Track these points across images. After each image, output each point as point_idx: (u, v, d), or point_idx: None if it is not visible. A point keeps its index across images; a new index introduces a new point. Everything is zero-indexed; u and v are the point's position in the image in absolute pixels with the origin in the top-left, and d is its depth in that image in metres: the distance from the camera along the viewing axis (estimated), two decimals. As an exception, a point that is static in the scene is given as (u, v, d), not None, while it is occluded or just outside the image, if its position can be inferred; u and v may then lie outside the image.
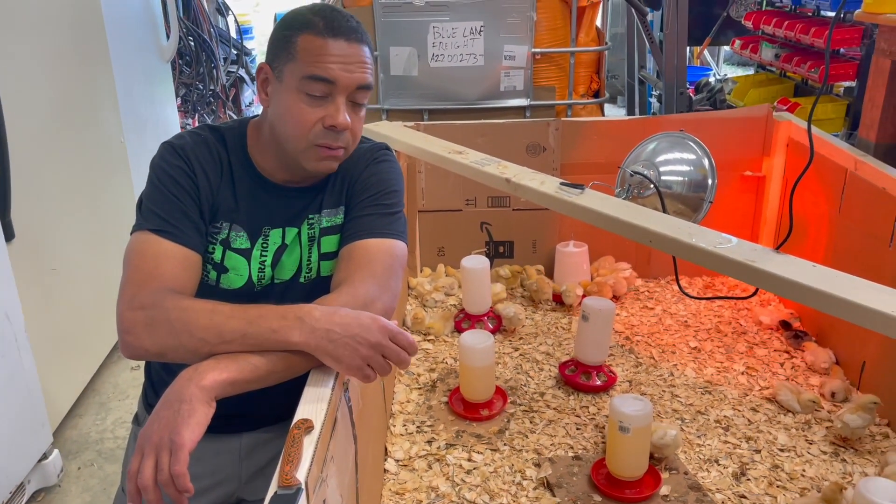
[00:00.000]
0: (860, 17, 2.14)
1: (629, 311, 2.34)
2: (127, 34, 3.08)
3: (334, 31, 1.16)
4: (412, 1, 2.68)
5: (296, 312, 1.05)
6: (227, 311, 1.06)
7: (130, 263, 1.14)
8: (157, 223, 1.17)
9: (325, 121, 1.18)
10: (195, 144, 1.24)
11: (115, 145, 2.86)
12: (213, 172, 1.24)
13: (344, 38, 1.16)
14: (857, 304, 1.17)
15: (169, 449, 0.91)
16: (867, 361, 1.86)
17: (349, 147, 1.24)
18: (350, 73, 1.17)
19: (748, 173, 2.45)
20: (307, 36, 1.17)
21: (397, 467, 1.60)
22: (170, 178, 1.20)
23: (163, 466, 0.91)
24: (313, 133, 1.19)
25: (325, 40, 1.16)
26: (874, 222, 1.84)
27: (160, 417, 0.95)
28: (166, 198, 1.19)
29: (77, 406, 2.52)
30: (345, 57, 1.16)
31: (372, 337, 1.03)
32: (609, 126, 2.48)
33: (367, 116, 1.31)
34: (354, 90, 1.19)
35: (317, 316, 1.04)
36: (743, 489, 1.54)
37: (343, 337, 1.03)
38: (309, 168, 1.23)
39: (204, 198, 1.22)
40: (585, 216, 1.63)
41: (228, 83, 4.63)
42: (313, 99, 1.17)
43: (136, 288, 1.10)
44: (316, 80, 1.16)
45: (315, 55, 1.16)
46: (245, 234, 1.26)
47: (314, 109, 1.18)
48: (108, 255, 2.66)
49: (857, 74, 3.11)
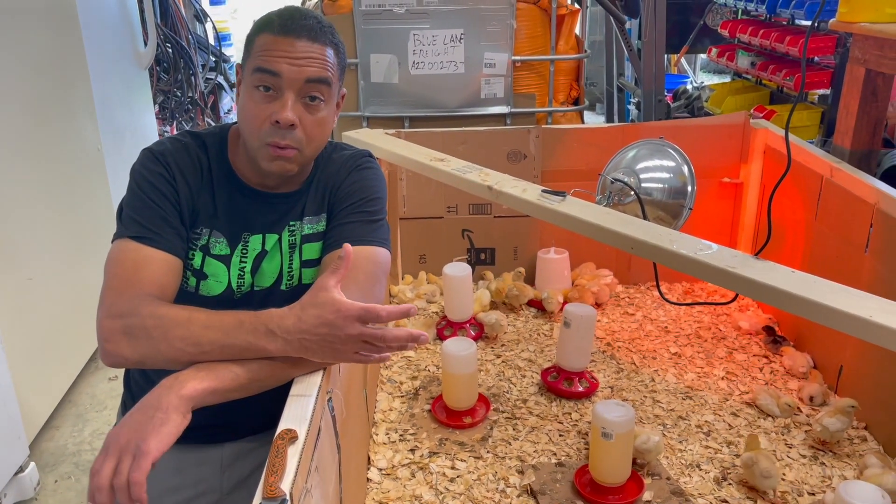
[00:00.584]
0: (835, 25, 2.18)
1: (610, 317, 2.35)
2: (104, 41, 3.05)
3: (286, 28, 1.17)
4: (392, 8, 2.69)
5: (266, 324, 1.03)
6: (202, 320, 1.05)
7: (110, 271, 1.13)
8: (136, 230, 1.16)
9: (273, 116, 1.17)
10: (175, 150, 1.24)
11: (93, 153, 2.83)
12: (193, 178, 1.24)
13: (294, 36, 1.16)
14: (835, 309, 1.18)
15: (133, 454, 0.90)
16: (844, 365, 1.88)
17: (303, 148, 1.21)
18: (297, 66, 1.16)
19: (726, 180, 2.47)
20: (263, 34, 1.18)
21: (380, 476, 1.59)
22: (149, 184, 1.19)
23: (122, 470, 0.89)
24: (264, 130, 1.18)
25: (275, 37, 1.17)
26: (850, 228, 1.86)
27: (133, 420, 0.94)
28: (146, 204, 1.18)
29: (54, 417, 2.49)
30: (292, 52, 1.16)
31: (342, 332, 0.99)
32: (589, 133, 2.50)
33: (347, 124, 1.31)
34: (304, 85, 1.17)
35: (286, 326, 1.02)
36: (725, 494, 1.55)
37: (317, 340, 1.01)
38: (264, 168, 1.22)
39: (184, 203, 1.22)
40: (567, 223, 1.63)
41: (207, 90, 4.60)
42: (265, 95, 1.17)
43: (115, 295, 1.09)
44: (262, 72, 1.16)
45: (265, 50, 1.16)
46: (224, 240, 1.25)
47: (265, 106, 1.17)
48: (85, 264, 2.62)
49: (832, 82, 3.16)
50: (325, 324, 1.00)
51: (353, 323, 0.99)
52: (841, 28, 2.15)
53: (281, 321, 1.02)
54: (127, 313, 1.06)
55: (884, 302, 1.21)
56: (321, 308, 1.00)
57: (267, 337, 1.02)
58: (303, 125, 1.19)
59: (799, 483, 1.58)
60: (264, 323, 1.03)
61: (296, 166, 1.23)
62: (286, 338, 1.02)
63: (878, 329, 1.14)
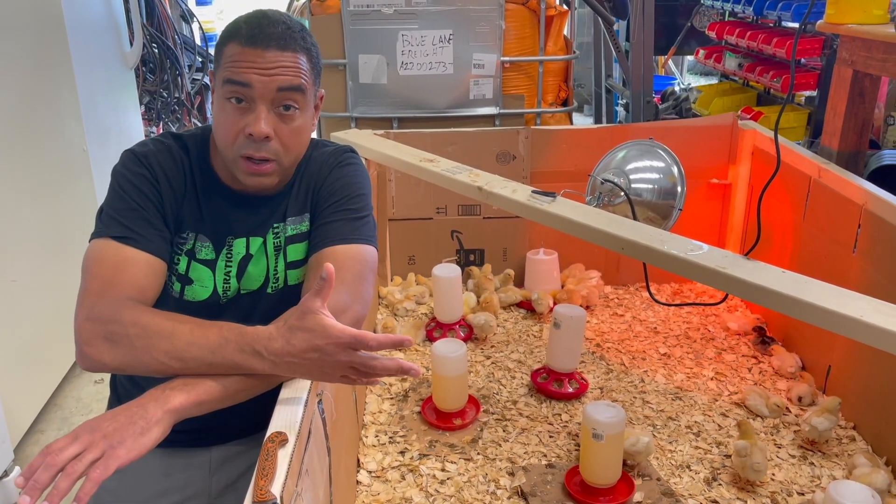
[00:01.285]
0: (822, 27, 2.19)
1: (599, 318, 2.35)
2: (89, 41, 3.02)
3: (254, 39, 1.13)
4: (381, 9, 2.68)
5: (253, 345, 1.00)
6: (186, 335, 1.02)
7: (89, 271, 1.11)
8: (118, 230, 1.14)
9: (245, 129, 1.14)
10: (158, 153, 1.21)
11: (78, 153, 2.80)
12: (177, 181, 1.22)
13: (262, 47, 1.12)
14: (827, 309, 1.18)
15: (102, 451, 0.88)
16: (832, 365, 1.89)
17: (281, 158, 1.18)
18: (268, 76, 1.12)
19: (715, 181, 2.48)
20: (232, 44, 1.14)
21: (370, 479, 1.58)
22: (132, 185, 1.17)
23: (85, 458, 0.87)
24: (238, 143, 1.15)
25: (243, 48, 1.13)
26: (838, 229, 1.87)
27: (114, 419, 0.92)
28: (129, 205, 1.16)
29: (38, 421, 2.45)
30: (261, 62, 1.12)
31: (332, 358, 0.97)
32: (578, 134, 2.50)
33: (335, 125, 1.29)
34: (276, 94, 1.14)
35: (274, 349, 0.99)
36: (715, 494, 1.55)
37: (306, 363, 0.99)
38: (243, 181, 1.19)
39: (168, 207, 1.20)
40: (557, 224, 1.63)
41: (193, 91, 4.56)
42: (236, 107, 1.14)
43: (95, 297, 1.07)
44: (232, 83, 1.13)
45: (234, 61, 1.13)
46: (210, 245, 1.23)
47: (237, 118, 1.14)
48: (69, 266, 2.59)
49: (818, 84, 3.18)
50: (315, 349, 0.97)
51: (343, 350, 0.97)
52: (828, 29, 2.16)
53: (269, 343, 1.00)
54: (108, 318, 1.04)
55: (874, 302, 1.21)
56: (310, 333, 0.98)
57: (254, 357, 1.00)
58: (278, 136, 1.16)
59: (788, 483, 1.58)
60: (250, 344, 1.00)
61: (275, 179, 1.21)
62: (274, 360, 0.99)
63: (868, 329, 1.14)
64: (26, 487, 0.84)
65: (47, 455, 0.87)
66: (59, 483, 0.85)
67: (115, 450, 0.89)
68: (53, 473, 0.86)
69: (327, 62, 2.82)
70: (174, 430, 1.00)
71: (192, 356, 1.01)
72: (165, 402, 0.96)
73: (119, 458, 0.89)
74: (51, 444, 0.88)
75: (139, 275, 1.12)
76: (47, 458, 0.86)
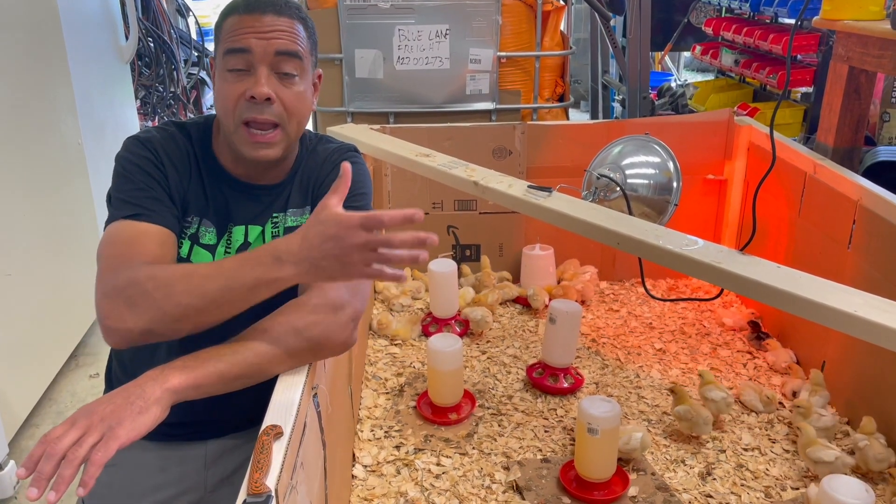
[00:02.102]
0: (818, 23, 2.19)
1: (595, 313, 2.35)
2: (84, 34, 3.01)
3: (249, 6, 1.16)
4: (377, 3, 2.67)
5: (271, 252, 1.01)
6: (202, 270, 1.03)
7: (103, 254, 1.11)
8: (128, 209, 1.14)
9: (247, 93, 1.15)
10: (163, 139, 1.23)
11: (73, 147, 2.79)
12: (182, 166, 1.23)
13: (259, 12, 1.16)
14: (821, 304, 1.19)
15: (102, 433, 0.88)
16: (827, 361, 1.89)
17: (285, 123, 1.19)
18: (265, 40, 1.15)
19: (710, 177, 2.48)
20: (230, 18, 1.18)
21: (365, 473, 1.58)
22: (138, 168, 1.18)
23: (85, 442, 0.86)
24: (239, 108, 1.16)
25: (240, 17, 1.16)
26: (833, 225, 1.88)
27: (111, 401, 0.92)
28: (136, 186, 1.17)
29: (33, 415, 2.45)
30: (258, 26, 1.15)
31: (348, 242, 0.97)
32: (575, 130, 2.49)
33: (331, 119, 1.29)
34: (274, 57, 1.16)
35: (292, 250, 1.00)
36: (709, 489, 1.55)
37: (326, 258, 0.98)
38: (246, 155, 1.20)
39: (174, 189, 1.21)
40: (553, 219, 1.63)
41: (189, 85, 4.56)
42: (237, 74, 1.16)
43: (110, 273, 1.07)
44: (232, 52, 1.15)
45: (232, 31, 1.16)
46: (214, 230, 1.24)
47: (237, 84, 1.16)
48: (65, 260, 2.59)
49: (814, 80, 3.18)
50: (330, 237, 0.97)
51: (357, 231, 0.97)
52: (824, 25, 2.16)
53: (287, 245, 1.00)
54: (123, 286, 1.03)
55: (868, 297, 1.21)
56: (324, 224, 0.98)
57: (275, 265, 1.00)
58: (280, 99, 1.17)
59: (783, 478, 1.59)
60: (269, 252, 1.01)
61: (280, 150, 1.21)
62: (294, 261, 1.00)
63: (863, 324, 1.15)
64: (32, 480, 0.84)
65: (47, 444, 0.86)
66: (63, 471, 0.85)
67: (115, 430, 0.88)
68: (56, 462, 0.85)
69: (324, 57, 2.81)
70: (169, 424, 1.00)
71: (215, 287, 1.01)
72: (164, 381, 0.96)
73: (119, 439, 0.88)
74: (49, 433, 0.88)
75: (152, 245, 1.13)
76: (48, 448, 0.86)
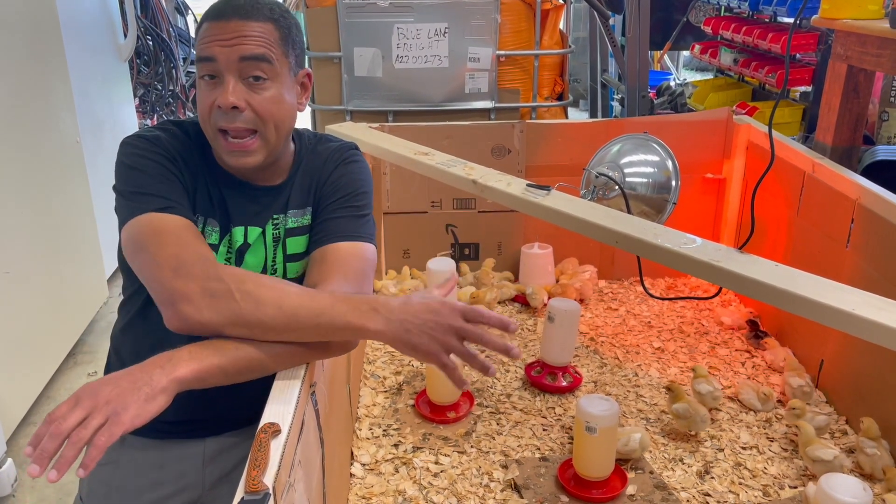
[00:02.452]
0: (817, 22, 2.19)
1: (593, 312, 2.35)
2: (83, 32, 3.01)
3: (218, 13, 1.15)
4: (376, 1, 2.67)
5: (370, 304, 1.05)
6: (294, 294, 1.04)
7: (151, 241, 1.08)
8: (159, 203, 1.12)
9: (215, 103, 1.14)
10: (170, 138, 1.21)
11: (71, 145, 2.79)
12: (190, 164, 1.21)
13: (224, 18, 1.14)
14: (820, 302, 1.19)
15: (107, 416, 0.87)
16: (825, 360, 1.89)
17: (262, 130, 1.17)
18: (228, 47, 1.12)
19: (709, 175, 2.48)
20: (202, 25, 1.17)
21: (364, 471, 1.58)
22: (154, 163, 1.16)
23: (90, 424, 0.86)
24: (213, 117, 1.15)
25: (209, 23, 1.15)
26: (831, 223, 1.88)
27: (117, 384, 0.91)
28: (157, 179, 1.14)
29: (31, 413, 2.45)
30: (221, 34, 1.13)
31: (445, 322, 1.03)
32: (573, 128, 2.49)
33: (330, 118, 1.29)
34: (239, 63, 1.13)
35: (392, 307, 1.05)
36: (707, 487, 1.55)
37: (418, 326, 1.03)
38: (229, 162, 1.19)
39: (188, 187, 1.20)
40: (552, 217, 1.63)
41: (188, 84, 4.55)
42: (208, 82, 1.15)
43: (176, 259, 1.04)
44: (201, 61, 1.15)
45: (201, 39, 1.15)
46: (218, 230, 1.23)
47: (210, 93, 1.15)
48: (63, 257, 2.59)
49: (813, 79, 3.18)
50: (431, 311, 1.04)
51: (456, 315, 1.04)
52: (823, 24, 2.16)
53: (386, 302, 1.05)
54: (202, 276, 1.02)
55: (866, 295, 1.22)
56: (428, 299, 1.06)
57: (369, 315, 1.04)
58: (251, 106, 1.15)
59: (781, 477, 1.59)
60: (367, 303, 1.05)
61: (261, 157, 1.19)
62: (389, 317, 1.04)
63: (861, 322, 1.15)
64: (34, 457, 0.84)
65: (51, 423, 0.86)
66: (66, 452, 0.85)
67: (120, 415, 0.88)
68: (60, 442, 0.85)
69: (322, 55, 2.81)
70: (168, 422, 1.00)
71: (304, 315, 1.03)
72: (172, 371, 0.95)
73: (124, 424, 0.88)
74: (54, 411, 0.87)
75: (198, 240, 1.12)
76: (52, 427, 0.86)
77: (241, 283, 1.03)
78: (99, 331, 2.92)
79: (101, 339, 2.87)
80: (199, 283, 1.02)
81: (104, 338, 2.70)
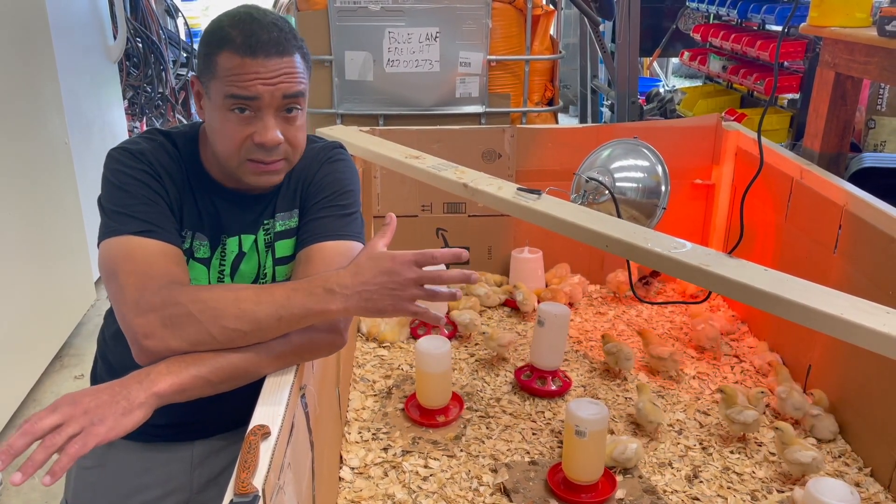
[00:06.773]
0: (805, 30, 2.21)
1: (583, 316, 2.36)
2: (72, 33, 3.00)
3: (252, 48, 1.08)
4: (367, 5, 2.67)
5: (323, 285, 1.04)
6: (250, 296, 1.03)
7: (121, 268, 1.07)
8: (137, 225, 1.11)
9: (254, 137, 1.12)
10: (154, 150, 1.19)
11: (60, 147, 2.77)
12: (177, 178, 1.20)
13: (263, 55, 1.08)
14: (808, 306, 1.19)
15: (82, 426, 0.88)
16: (813, 364, 1.90)
17: (290, 157, 1.18)
18: (273, 86, 1.10)
19: (698, 181, 2.50)
20: (226, 54, 1.09)
21: (353, 475, 1.58)
22: (137, 181, 1.14)
23: (64, 432, 0.86)
24: (244, 149, 1.13)
25: (243, 59, 1.08)
26: (819, 229, 1.89)
27: (98, 395, 0.92)
28: (139, 200, 1.13)
29: (17, 417, 2.43)
30: (264, 73, 1.09)
31: (401, 277, 1.03)
32: (564, 133, 2.50)
33: (321, 121, 1.28)
34: (281, 101, 1.12)
35: (345, 283, 1.04)
36: (696, 491, 1.56)
37: (377, 290, 1.03)
38: (251, 182, 1.18)
39: (173, 203, 1.18)
40: (542, 221, 1.63)
41: (178, 86, 4.53)
42: (241, 117, 1.11)
43: (138, 291, 1.04)
44: (238, 98, 1.10)
45: (234, 74, 1.09)
46: (208, 243, 1.22)
47: (243, 127, 1.12)
48: (49, 261, 2.57)
49: (801, 87, 3.21)
50: (384, 272, 1.03)
51: (410, 266, 1.03)
52: (811, 32, 2.18)
53: (339, 278, 1.04)
54: (161, 305, 1.02)
55: (854, 300, 1.22)
56: (377, 260, 1.05)
57: (326, 297, 1.03)
58: (286, 137, 1.15)
59: (769, 480, 1.60)
60: (320, 284, 1.04)
61: (283, 176, 1.21)
62: (346, 293, 1.03)
63: (848, 326, 1.15)
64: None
65: (26, 423, 0.86)
66: (35, 454, 0.85)
67: (96, 427, 0.88)
68: (29, 441, 0.85)
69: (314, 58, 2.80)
70: (155, 425, 0.99)
71: (264, 314, 1.02)
72: (150, 386, 0.95)
73: (98, 436, 0.88)
74: (30, 417, 0.88)
75: (171, 265, 1.11)
76: (26, 426, 0.86)
77: (197, 301, 1.02)
78: (86, 333, 2.90)
79: (87, 341, 2.85)
80: (159, 313, 1.02)
81: (91, 341, 2.68)
